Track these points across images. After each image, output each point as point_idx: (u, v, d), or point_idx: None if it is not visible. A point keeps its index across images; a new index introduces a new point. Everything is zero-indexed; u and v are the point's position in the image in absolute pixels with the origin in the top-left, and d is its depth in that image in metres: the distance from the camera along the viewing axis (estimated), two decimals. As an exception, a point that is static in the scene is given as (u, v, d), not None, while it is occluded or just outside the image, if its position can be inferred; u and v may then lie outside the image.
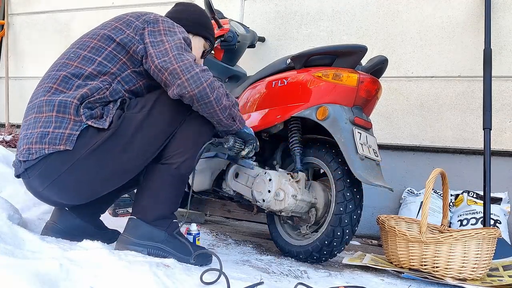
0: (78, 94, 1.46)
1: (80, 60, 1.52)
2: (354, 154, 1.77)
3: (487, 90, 2.41)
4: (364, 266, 1.88)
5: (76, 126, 1.43)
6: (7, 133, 3.33)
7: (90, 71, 1.50)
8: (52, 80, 1.50)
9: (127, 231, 1.53)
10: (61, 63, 1.54)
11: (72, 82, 1.49)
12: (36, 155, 1.42)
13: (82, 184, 1.48)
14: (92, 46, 1.55)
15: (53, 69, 1.54)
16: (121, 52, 1.54)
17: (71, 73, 1.50)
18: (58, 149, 1.41)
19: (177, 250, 1.54)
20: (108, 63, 1.53)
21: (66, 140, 1.42)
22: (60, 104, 1.44)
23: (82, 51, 1.54)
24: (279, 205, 1.89)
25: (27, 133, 1.46)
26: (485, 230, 1.74)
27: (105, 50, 1.54)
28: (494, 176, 2.38)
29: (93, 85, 1.49)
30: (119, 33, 1.55)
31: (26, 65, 4.14)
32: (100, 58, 1.53)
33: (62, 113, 1.44)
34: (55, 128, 1.42)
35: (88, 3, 3.87)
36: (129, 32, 1.56)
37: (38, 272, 1.05)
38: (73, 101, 1.45)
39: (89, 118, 1.45)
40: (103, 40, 1.55)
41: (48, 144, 1.41)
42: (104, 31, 1.57)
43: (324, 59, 1.95)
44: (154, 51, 1.51)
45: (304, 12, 3.11)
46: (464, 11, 2.74)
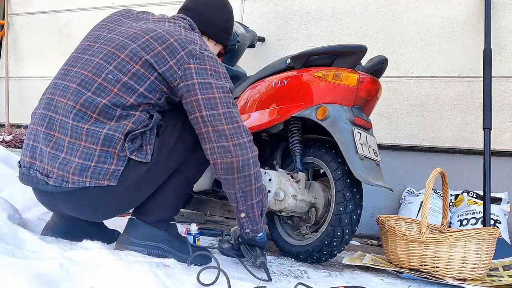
0: (124, 130, 1.39)
1: (120, 86, 1.41)
2: (354, 154, 1.77)
3: (487, 90, 2.40)
4: (364, 266, 1.88)
5: (120, 161, 1.40)
6: (7, 133, 3.33)
7: (132, 102, 1.42)
8: (88, 104, 1.39)
9: (127, 231, 1.53)
10: (97, 83, 1.41)
11: (112, 112, 1.40)
12: (72, 185, 1.37)
13: (114, 210, 1.50)
14: (134, 72, 1.42)
15: (87, 86, 1.41)
16: (161, 82, 1.45)
17: (112, 102, 1.40)
18: (102, 184, 1.38)
19: (177, 250, 1.55)
20: (149, 94, 1.44)
21: (110, 175, 1.38)
22: (106, 139, 1.38)
23: (122, 75, 1.42)
24: (279, 205, 1.89)
25: (57, 155, 1.39)
26: (485, 230, 1.74)
27: (147, 80, 1.43)
28: (494, 176, 2.38)
29: (136, 117, 1.42)
30: (161, 63, 1.43)
31: (26, 65, 4.14)
32: (141, 88, 1.43)
33: (107, 147, 1.38)
34: (98, 162, 1.37)
35: (88, 3, 3.87)
36: (172, 63, 1.43)
37: (38, 272, 1.05)
38: (120, 137, 1.38)
39: (132, 152, 1.41)
40: (145, 67, 1.43)
41: (90, 178, 1.37)
42: (147, 55, 1.43)
43: (324, 59, 1.95)
44: (202, 97, 1.42)
45: (304, 12, 3.11)
46: (464, 11, 2.74)
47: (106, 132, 1.38)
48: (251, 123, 2.07)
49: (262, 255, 1.56)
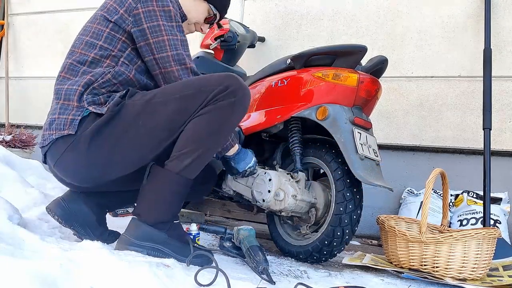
0: (82, 81, 1.51)
1: (83, 46, 1.56)
2: (354, 154, 1.77)
3: (487, 90, 2.41)
4: (364, 266, 1.88)
5: (78, 112, 1.49)
6: (7, 133, 3.33)
7: (93, 56, 1.54)
8: (62, 69, 1.57)
9: (127, 231, 1.53)
10: (70, 51, 1.60)
11: (77, 69, 1.54)
12: (47, 141, 1.51)
13: (89, 167, 1.52)
14: (93, 31, 1.57)
15: (68, 56, 1.60)
16: (118, 31, 1.56)
17: (77, 60, 1.55)
18: (63, 134, 1.48)
19: (176, 252, 1.53)
20: (108, 46, 1.55)
21: (69, 125, 1.48)
22: (66, 92, 1.51)
23: (85, 36, 1.58)
24: (279, 205, 1.89)
25: (45, 122, 1.56)
26: (485, 230, 1.74)
27: (103, 33, 1.56)
28: (494, 176, 2.39)
29: (97, 70, 1.53)
30: (114, 13, 1.56)
31: (26, 65, 4.14)
32: (100, 42, 1.55)
33: (67, 101, 1.50)
34: (60, 114, 1.50)
35: (88, 3, 3.86)
36: (122, 11, 1.56)
37: (38, 272, 1.05)
38: (78, 88, 1.50)
39: (91, 104, 1.49)
40: (100, 22, 1.57)
41: (55, 130, 1.49)
42: (101, 11, 1.59)
43: (324, 59, 1.95)
44: (153, 40, 1.53)
45: (304, 12, 3.11)
46: (464, 11, 2.74)
47: (67, 87, 1.52)
48: (251, 123, 2.07)
49: (265, 261, 1.55)
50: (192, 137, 1.47)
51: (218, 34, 2.46)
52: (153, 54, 1.54)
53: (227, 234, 1.82)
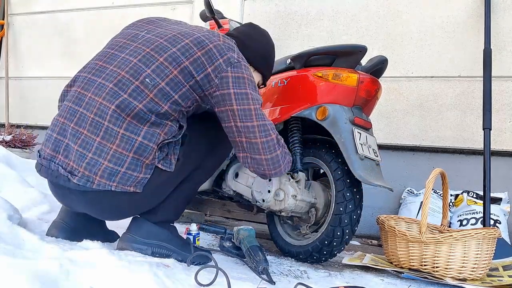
0: (158, 140, 1.39)
1: (156, 91, 1.38)
2: (354, 154, 1.77)
3: (487, 90, 2.41)
4: (364, 266, 1.88)
5: (148, 170, 1.41)
6: (7, 133, 3.33)
7: (166, 109, 1.39)
8: (124, 107, 1.36)
9: (131, 230, 1.54)
10: (135, 86, 1.38)
11: (147, 118, 1.38)
12: (97, 186, 1.37)
13: (131, 212, 1.53)
14: (171, 78, 1.40)
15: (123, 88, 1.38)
16: (197, 90, 1.43)
17: (147, 107, 1.37)
18: (127, 190, 1.39)
19: (181, 249, 1.56)
20: (182, 102, 1.42)
21: (137, 183, 1.40)
22: (140, 147, 1.38)
23: (160, 80, 1.39)
24: (279, 205, 1.89)
25: (84, 154, 1.36)
26: (485, 230, 1.74)
27: (183, 87, 1.41)
28: (494, 176, 2.38)
29: (168, 127, 1.42)
30: (200, 70, 1.41)
31: (26, 65, 4.14)
32: (176, 96, 1.40)
33: (139, 156, 1.38)
34: (128, 169, 1.38)
35: (88, 3, 3.87)
36: (210, 70, 1.42)
37: (38, 272, 1.05)
38: (154, 147, 1.39)
39: (159, 161, 1.42)
40: (183, 74, 1.40)
41: (117, 183, 1.37)
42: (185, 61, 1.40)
43: (324, 59, 1.95)
44: (238, 107, 1.43)
45: (304, 12, 3.11)
46: (464, 11, 2.74)
47: (141, 140, 1.38)
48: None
49: (265, 261, 1.56)
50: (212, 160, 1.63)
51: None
52: (236, 121, 1.44)
53: (227, 234, 1.82)
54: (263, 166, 1.47)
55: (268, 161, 1.46)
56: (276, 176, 1.53)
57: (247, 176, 2.05)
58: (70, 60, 3.90)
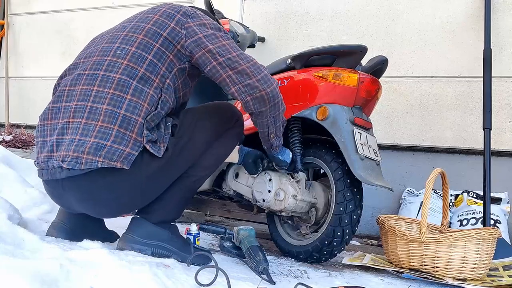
0: (141, 112, 1.40)
1: (129, 57, 1.44)
2: (354, 154, 1.77)
3: (487, 90, 2.41)
4: (364, 266, 1.88)
5: (136, 146, 1.38)
6: (7, 133, 3.33)
7: (143, 71, 1.43)
8: (104, 83, 1.41)
9: (131, 230, 1.54)
10: (107, 60, 1.44)
11: (128, 85, 1.41)
12: (85, 166, 1.34)
13: (122, 203, 1.49)
14: (139, 41, 1.46)
15: (98, 67, 1.44)
16: (168, 47, 1.48)
17: (125, 74, 1.42)
18: (114, 166, 1.36)
19: (181, 249, 1.55)
20: (158, 62, 1.46)
21: (124, 158, 1.36)
22: (124, 120, 1.38)
23: (130, 47, 1.45)
24: (279, 205, 1.89)
25: (73, 138, 1.37)
26: (485, 230, 1.74)
27: (153, 47, 1.46)
28: (494, 176, 2.38)
29: (150, 95, 1.42)
30: (164, 27, 1.48)
31: (26, 65, 4.14)
32: (150, 56, 1.45)
33: (124, 129, 1.37)
34: (114, 142, 1.36)
35: (88, 3, 3.86)
36: (173, 25, 1.49)
37: (38, 272, 1.04)
38: (137, 119, 1.39)
39: (148, 142, 1.40)
40: (150, 35, 1.47)
41: (103, 158, 1.34)
42: (147, 25, 1.49)
43: (324, 59, 1.95)
44: (213, 46, 1.47)
45: (304, 12, 3.11)
46: (464, 11, 2.74)
47: (124, 113, 1.38)
48: (251, 123, 2.07)
49: (265, 261, 1.56)
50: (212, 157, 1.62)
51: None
52: (217, 59, 1.46)
53: (227, 234, 1.82)
54: (258, 88, 1.47)
55: (260, 81, 1.47)
56: (273, 94, 1.50)
57: (247, 176, 2.05)
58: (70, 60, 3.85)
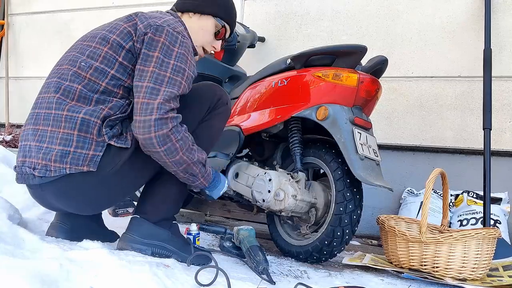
0: (100, 114, 1.41)
1: (92, 71, 1.44)
2: (354, 154, 1.77)
3: (487, 90, 2.40)
4: (364, 266, 1.88)
5: (99, 147, 1.40)
6: (7, 133, 3.34)
7: (105, 86, 1.44)
8: (67, 92, 1.43)
9: (130, 230, 1.54)
10: (72, 71, 1.45)
11: (89, 97, 1.43)
12: (55, 173, 1.39)
13: (101, 200, 1.50)
14: (103, 55, 1.45)
15: (64, 77, 1.46)
16: (131, 61, 1.46)
17: (86, 87, 1.43)
18: (81, 170, 1.39)
19: (181, 249, 1.55)
20: (121, 76, 1.45)
21: (89, 161, 1.39)
22: (83, 123, 1.39)
23: (93, 61, 1.45)
24: (279, 205, 1.89)
25: (41, 146, 1.40)
26: (485, 230, 1.74)
27: (116, 61, 1.45)
28: (494, 176, 2.38)
29: (114, 102, 1.44)
30: (127, 39, 1.46)
31: (26, 65, 4.14)
32: (112, 71, 1.45)
33: (84, 133, 1.39)
34: (76, 148, 1.39)
35: (88, 3, 3.86)
36: (135, 38, 1.46)
37: (38, 272, 1.05)
38: (96, 121, 1.40)
39: (111, 138, 1.42)
40: (113, 48, 1.46)
41: (70, 164, 1.38)
42: (114, 36, 1.47)
43: (324, 59, 1.95)
44: (138, 66, 1.43)
45: (304, 12, 3.11)
46: (464, 11, 2.74)
47: (82, 116, 1.40)
48: (251, 123, 2.07)
49: (265, 261, 1.56)
50: None
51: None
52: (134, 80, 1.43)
53: (227, 234, 1.82)
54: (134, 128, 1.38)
55: (139, 122, 1.37)
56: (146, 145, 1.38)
57: (247, 176, 2.06)
58: (70, 60, 3.89)
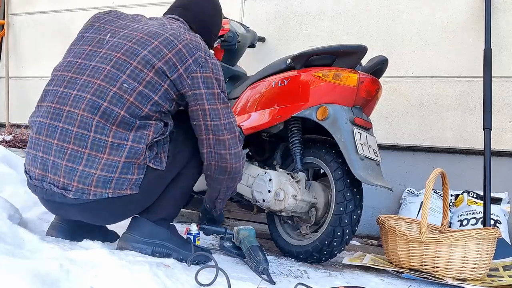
0: (147, 140, 1.42)
1: (136, 95, 1.40)
2: (354, 154, 1.77)
3: (487, 90, 2.40)
4: (364, 266, 1.88)
5: (141, 170, 1.43)
6: (7, 133, 3.33)
7: (147, 111, 1.42)
8: (107, 116, 1.38)
9: (131, 229, 1.54)
10: (113, 92, 1.39)
11: (132, 123, 1.40)
12: (94, 197, 1.38)
13: (126, 215, 1.55)
14: (148, 80, 1.42)
15: (102, 96, 1.39)
16: (173, 89, 1.46)
17: (128, 112, 1.39)
18: (124, 194, 1.41)
19: (181, 248, 1.56)
20: (162, 103, 1.45)
21: (132, 185, 1.42)
22: (131, 151, 1.39)
23: (137, 84, 1.41)
24: (279, 205, 1.89)
25: (74, 168, 1.37)
26: (485, 230, 1.74)
27: (161, 87, 1.44)
28: (494, 176, 2.38)
29: (153, 126, 1.44)
30: (173, 70, 1.44)
31: (26, 65, 4.14)
32: (156, 97, 1.43)
33: (130, 159, 1.40)
34: (121, 174, 1.39)
35: (89, 3, 3.86)
36: (181, 71, 1.45)
37: (38, 272, 1.04)
38: (144, 147, 1.41)
39: (151, 160, 1.44)
40: (159, 75, 1.43)
41: (113, 189, 1.39)
42: (159, 63, 1.42)
43: (324, 59, 1.95)
44: (208, 107, 1.49)
45: (304, 12, 3.11)
46: (464, 11, 2.73)
47: (131, 144, 1.40)
48: (251, 123, 2.07)
49: (265, 261, 1.56)
50: None
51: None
52: (206, 120, 1.49)
53: (227, 234, 1.82)
54: (227, 160, 1.53)
55: (232, 155, 1.53)
56: (236, 171, 1.57)
57: (247, 176, 2.05)
58: (70, 60, 3.89)
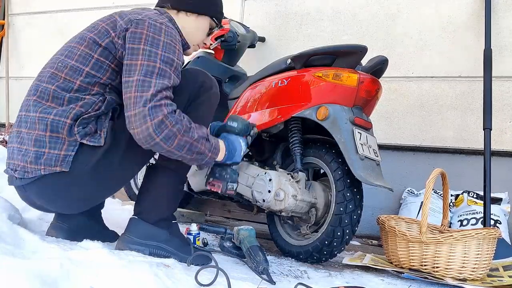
0: (71, 113, 1.39)
1: (67, 70, 1.43)
2: (354, 154, 1.77)
3: (487, 91, 2.40)
4: (364, 266, 1.88)
5: (71, 147, 1.40)
6: (7, 133, 3.33)
7: (79, 84, 1.42)
8: (42, 94, 1.43)
9: (128, 231, 1.54)
10: (50, 73, 1.45)
11: (62, 97, 1.41)
12: (31, 174, 1.40)
13: (81, 199, 1.49)
14: (79, 54, 1.44)
15: (43, 79, 1.46)
16: (108, 57, 1.43)
17: (60, 87, 1.42)
18: (54, 171, 1.39)
19: (179, 250, 1.55)
20: (96, 73, 1.43)
21: (61, 161, 1.39)
22: (53, 124, 1.39)
23: (70, 60, 1.44)
24: (279, 205, 1.89)
25: (22, 148, 1.42)
26: (485, 230, 1.74)
27: (91, 58, 1.43)
28: (494, 177, 2.38)
29: (86, 100, 1.42)
30: (105, 36, 1.44)
31: (26, 65, 4.14)
32: (87, 68, 1.43)
33: (56, 133, 1.39)
34: (50, 148, 1.39)
35: (89, 3, 3.87)
36: (114, 34, 1.43)
37: (38, 272, 1.05)
38: (66, 121, 1.39)
39: (83, 136, 1.40)
40: (90, 45, 1.44)
41: (44, 165, 1.39)
42: (91, 34, 1.46)
43: (324, 59, 1.94)
44: (126, 62, 1.39)
45: (304, 12, 3.11)
46: (465, 11, 2.73)
47: (52, 118, 1.39)
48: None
49: (265, 261, 1.56)
50: None
51: (218, 34, 2.45)
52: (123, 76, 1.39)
53: (227, 234, 1.82)
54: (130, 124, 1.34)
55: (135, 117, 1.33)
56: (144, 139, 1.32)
57: (247, 176, 2.05)
58: (70, 60, 3.89)
